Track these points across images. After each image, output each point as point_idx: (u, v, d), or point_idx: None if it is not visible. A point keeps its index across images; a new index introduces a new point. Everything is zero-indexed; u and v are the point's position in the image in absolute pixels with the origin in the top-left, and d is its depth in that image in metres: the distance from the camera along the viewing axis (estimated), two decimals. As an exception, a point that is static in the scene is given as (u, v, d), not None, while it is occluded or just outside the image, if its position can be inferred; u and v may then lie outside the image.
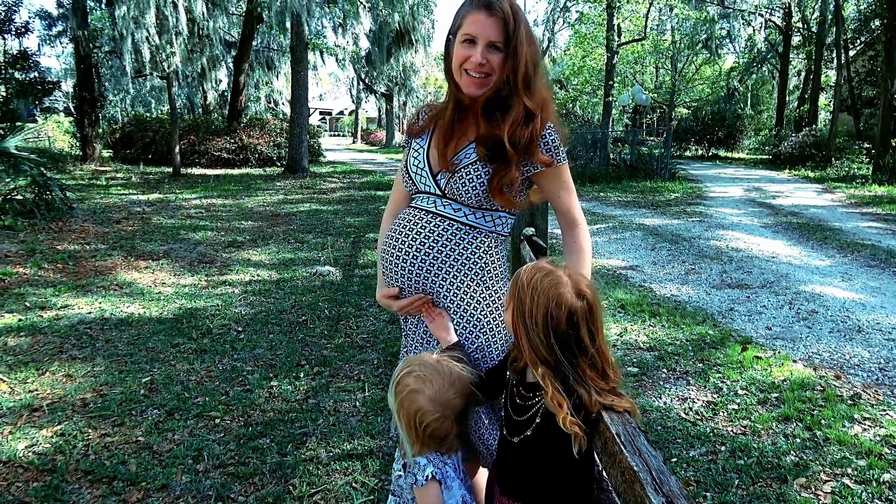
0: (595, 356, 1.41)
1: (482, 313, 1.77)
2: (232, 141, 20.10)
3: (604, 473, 1.66)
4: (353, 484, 2.84)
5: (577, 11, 24.26)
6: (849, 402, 3.52)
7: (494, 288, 1.80)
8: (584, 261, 1.83)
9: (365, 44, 29.40)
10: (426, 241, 1.75)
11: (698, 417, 3.41)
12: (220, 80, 28.12)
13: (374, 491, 2.79)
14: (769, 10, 28.01)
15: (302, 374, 4.04)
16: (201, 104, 27.14)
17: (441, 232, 1.75)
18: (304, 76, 17.43)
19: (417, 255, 1.76)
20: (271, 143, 20.69)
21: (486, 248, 1.79)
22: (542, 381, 1.40)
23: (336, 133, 60.95)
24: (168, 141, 18.08)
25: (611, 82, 21.38)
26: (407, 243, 1.77)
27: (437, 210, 1.77)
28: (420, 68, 34.85)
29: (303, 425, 3.37)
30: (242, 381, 3.91)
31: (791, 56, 29.17)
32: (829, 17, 23.58)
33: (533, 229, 3.07)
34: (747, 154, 30.90)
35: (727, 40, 29.39)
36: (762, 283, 6.13)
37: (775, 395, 3.63)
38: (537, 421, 1.45)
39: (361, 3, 20.33)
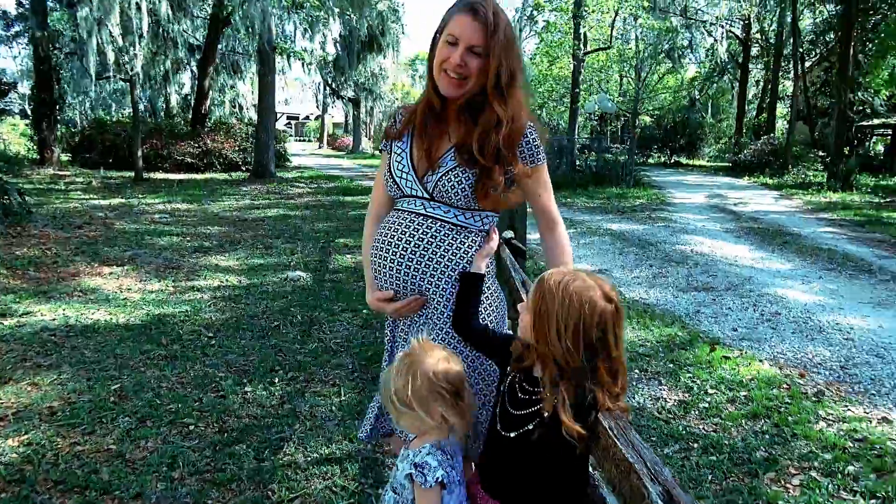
0: (614, 360, 1.41)
1: (495, 314, 1.80)
2: (196, 145, 19.79)
3: (589, 469, 1.70)
4: (333, 488, 2.83)
5: (543, 20, 24.57)
6: (813, 399, 3.64)
7: (486, 285, 1.83)
8: (567, 259, 1.87)
9: (332, 49, 29.31)
10: (420, 242, 1.76)
11: (671, 416, 3.49)
12: (184, 84, 27.69)
13: (355, 494, 2.78)
14: (729, 22, 28.79)
15: (276, 380, 4.00)
16: (164, 108, 26.67)
17: (433, 233, 1.76)
18: (271, 81, 17.29)
19: (413, 256, 1.77)
20: (237, 148, 20.44)
21: (477, 247, 1.82)
22: (555, 383, 1.40)
23: (302, 138, 60.45)
24: (130, 145, 17.72)
25: (577, 90, 21.68)
26: (401, 246, 1.78)
27: (426, 212, 1.78)
28: (388, 74, 34.88)
29: (279, 430, 3.34)
30: (216, 388, 3.85)
31: (750, 66, 29.98)
32: (787, 29, 24.34)
33: (512, 232, 3.11)
34: (708, 161, 31.63)
35: (689, 50, 30.14)
36: (727, 286, 6.29)
37: (744, 393, 3.73)
38: (544, 416, 1.41)
39: (330, 8, 20.26)
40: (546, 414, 1.41)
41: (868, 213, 12.18)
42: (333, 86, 36.43)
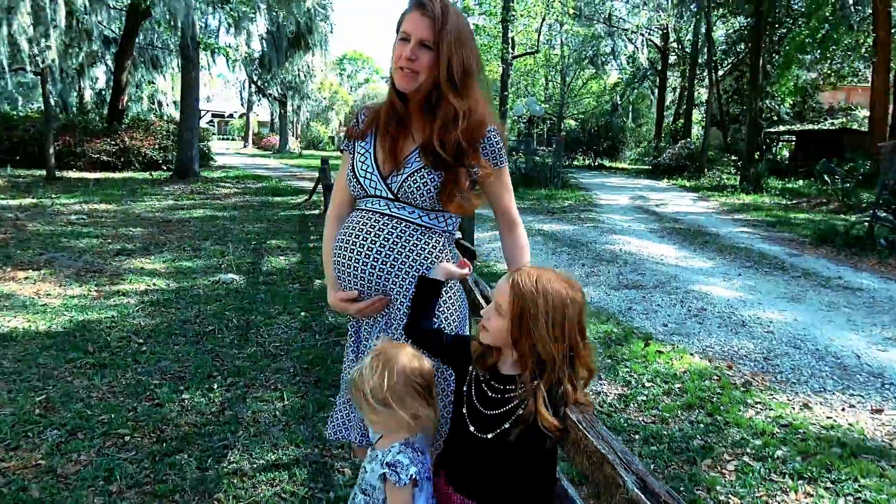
0: (586, 347, 1.47)
1: (441, 310, 1.80)
2: (113, 143, 18.83)
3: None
4: (282, 495, 2.77)
5: (473, 24, 24.82)
6: (742, 389, 3.86)
7: (452, 285, 1.84)
8: (527, 258, 1.91)
9: (258, 46, 28.58)
10: (385, 242, 1.76)
11: (612, 409, 3.61)
12: (97, 78, 26.34)
13: (305, 500, 2.73)
14: (649, 31, 29.98)
15: (215, 386, 3.87)
16: (77, 103, 25.25)
17: (399, 233, 1.76)
18: (194, 77, 16.69)
19: (378, 256, 1.76)
20: (157, 146, 19.60)
21: (441, 248, 1.83)
22: (534, 378, 1.43)
23: (225, 137, 58.64)
24: (41, 141, 16.69)
25: (506, 93, 22.04)
26: (366, 245, 1.77)
27: (391, 212, 1.77)
28: (316, 73, 34.34)
29: (222, 438, 3.24)
30: (150, 396, 3.69)
31: (668, 74, 31.31)
32: (701, 39, 25.58)
33: (460, 233, 3.13)
34: (629, 164, 32.80)
35: (611, 57, 31.22)
36: (655, 284, 6.56)
37: (678, 385, 3.90)
38: (519, 412, 1.44)
39: (257, 4, 19.76)
40: (521, 412, 1.44)
41: (778, 214, 12.96)
42: (259, 83, 35.63)
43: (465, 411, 1.56)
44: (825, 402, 3.72)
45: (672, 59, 31.00)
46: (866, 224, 9.32)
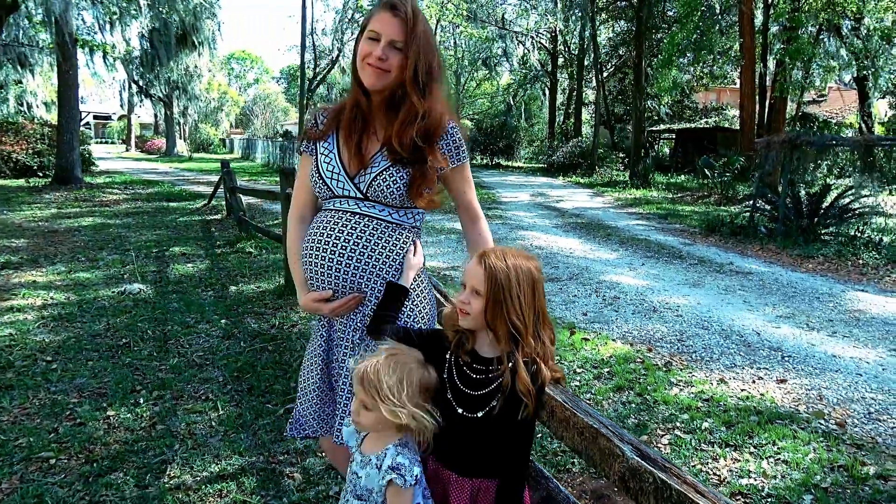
0: (547, 320, 1.57)
1: (416, 303, 1.82)
2: (-22, 148, 17.20)
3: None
4: (235, 505, 2.68)
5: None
6: (664, 369, 4.13)
7: (422, 279, 1.87)
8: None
9: (138, 43, 27.00)
10: (359, 241, 1.76)
11: (549, 397, 3.75)
12: (-47, 77, 23.93)
13: (260, 508, 2.66)
14: (538, 34, 31.06)
15: (141, 400, 3.67)
16: (-70, 104, 22.81)
17: (371, 231, 1.77)
18: (73, 76, 15.54)
19: (352, 255, 1.76)
20: (30, 151, 18.08)
21: (411, 244, 1.85)
22: (511, 351, 1.50)
23: (104, 140, 54.89)
24: None
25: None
26: (339, 245, 1.76)
27: (361, 211, 1.78)
28: (203, 73, 32.88)
29: (158, 453, 3.08)
30: (71, 415, 3.44)
31: (558, 75, 32.58)
32: (587, 42, 26.83)
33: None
34: (524, 163, 33.85)
35: (504, 58, 32.05)
36: (569, 276, 6.85)
37: (607, 369, 4.12)
38: (504, 390, 1.50)
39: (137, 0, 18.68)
40: (506, 388, 1.50)
41: (667, 207, 13.86)
42: (141, 83, 33.63)
43: (450, 396, 1.61)
44: (737, 376, 4.06)
45: (561, 61, 32.28)
46: (748, 214, 10.18)
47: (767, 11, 19.97)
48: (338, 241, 1.76)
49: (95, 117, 54.27)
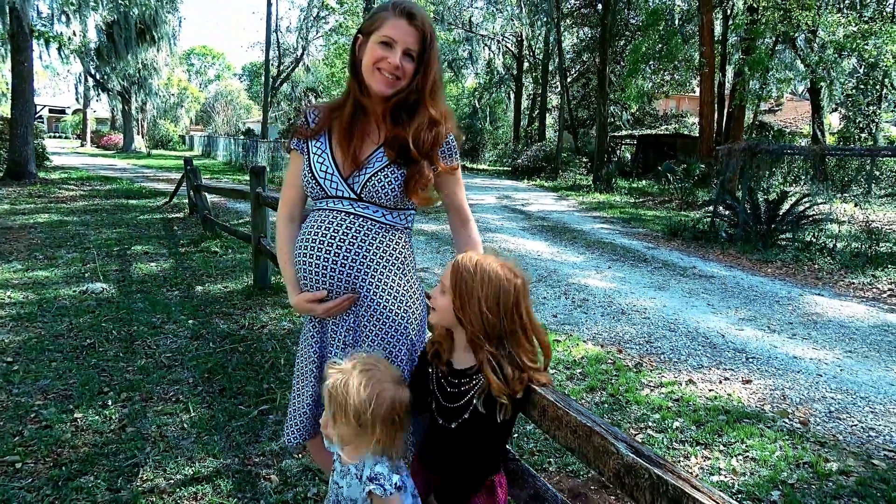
0: (527, 326, 1.59)
1: (408, 304, 1.83)
2: (-76, 140, 16.49)
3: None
4: (211, 508, 2.64)
5: (335, 20, 24.55)
6: (634, 370, 4.21)
7: (414, 279, 1.89)
8: (480, 251, 1.99)
9: (95, 36, 26.30)
10: (354, 241, 1.76)
11: (524, 397, 3.79)
12: None
13: (237, 511, 2.63)
14: (504, 38, 31.30)
15: (109, 402, 3.58)
16: None
17: (366, 232, 1.78)
18: (28, 68, 15.03)
19: (348, 255, 1.76)
20: (-20, 145, 17.43)
21: (403, 244, 1.86)
22: (484, 360, 1.53)
23: (58, 134, 53.18)
24: None
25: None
26: (335, 245, 1.76)
27: (355, 211, 1.78)
28: (163, 68, 32.17)
29: (130, 455, 3.01)
30: (36, 418, 3.34)
31: (523, 79, 32.89)
32: (552, 47, 27.16)
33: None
34: (489, 165, 34.07)
35: (469, 61, 32.20)
36: (538, 278, 6.92)
37: (579, 370, 4.18)
38: (475, 402, 1.57)
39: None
40: (475, 402, 1.56)
41: (630, 212, 14.12)
42: (98, 77, 32.72)
43: (434, 406, 1.68)
44: (705, 376, 4.17)
45: (526, 65, 32.60)
46: (709, 219, 10.44)
47: (727, 22, 20.54)
48: (333, 241, 1.76)
49: (51, 111, 52.59)
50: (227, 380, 3.99)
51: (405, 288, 1.84)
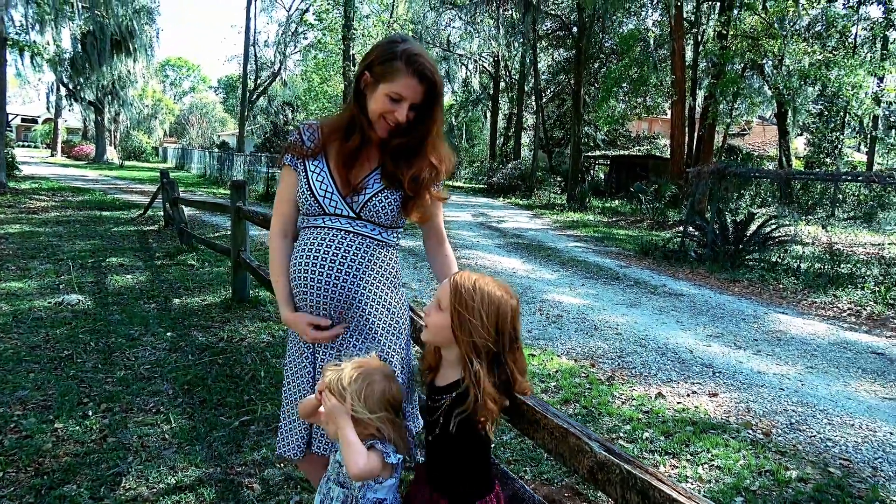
0: (518, 344, 1.70)
1: (399, 316, 1.94)
2: None
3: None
4: (195, 515, 2.69)
5: (313, 36, 24.69)
6: (606, 383, 4.35)
7: (402, 293, 1.99)
8: (455, 270, 2.09)
9: (71, 46, 26.07)
10: (354, 259, 1.84)
11: (500, 409, 3.89)
12: None
13: (222, 518, 2.68)
14: (481, 57, 31.73)
15: (90, 413, 3.60)
16: None
17: (365, 249, 1.86)
18: (1, 76, 14.88)
19: (349, 272, 1.84)
20: (-51, 153, 17.10)
21: (395, 260, 1.97)
22: (470, 376, 1.62)
23: (27, 144, 52.21)
24: None
25: (348, 110, 22.14)
26: (337, 262, 1.83)
27: (354, 229, 1.86)
28: (138, 79, 31.94)
29: (112, 465, 3.05)
30: (16, 428, 3.35)
31: (500, 99, 33.33)
32: (528, 68, 27.63)
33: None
34: (465, 183, 34.34)
35: (446, 80, 32.53)
36: (513, 294, 7.05)
37: (553, 383, 4.31)
38: (440, 421, 1.65)
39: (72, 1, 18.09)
40: (441, 420, 1.65)
41: (603, 231, 14.39)
42: (71, 87, 32.35)
43: (423, 423, 1.82)
44: (673, 390, 4.32)
45: (502, 85, 33.07)
46: (679, 239, 10.72)
47: (697, 49, 21.16)
48: (335, 258, 1.83)
49: (23, 119, 51.67)
50: (206, 391, 4.02)
51: (397, 301, 1.95)
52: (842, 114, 23.28)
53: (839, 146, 23.86)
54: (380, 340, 1.89)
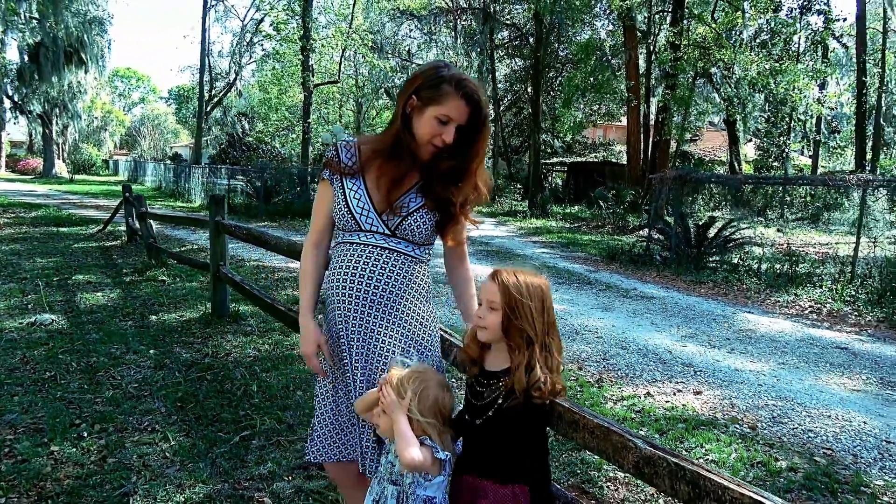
0: (556, 333, 1.80)
1: (432, 329, 2.02)
2: None
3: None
4: (212, 532, 2.69)
5: (270, 47, 24.49)
6: (596, 385, 4.48)
7: (433, 307, 2.08)
8: (473, 286, 2.17)
9: (18, 57, 25.27)
10: (391, 274, 1.92)
11: (497, 414, 3.98)
12: None
13: (239, 533, 2.68)
14: (439, 67, 31.90)
15: (84, 434, 3.53)
16: None
17: (401, 265, 1.93)
18: (-54, 89, 14.32)
19: (386, 287, 1.91)
20: None
21: (427, 276, 2.04)
22: (522, 362, 1.72)
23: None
24: None
25: (308, 120, 22.04)
26: (374, 277, 1.90)
27: (389, 246, 1.92)
28: (88, 90, 31.08)
29: (117, 486, 3.01)
30: (10, 452, 3.27)
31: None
32: (486, 77, 27.94)
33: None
34: (426, 191, 34.36)
35: (404, 89, 32.67)
36: (491, 301, 7.16)
37: (545, 388, 4.41)
38: (500, 402, 1.75)
39: (19, 12, 17.55)
40: (500, 401, 1.75)
41: (567, 236, 14.66)
42: (16, 98, 31.25)
43: (464, 408, 1.87)
44: (660, 389, 4.48)
45: (461, 94, 33.25)
46: (644, 243, 11.02)
47: (650, 58, 21.78)
48: (372, 273, 1.90)
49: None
50: (200, 408, 3.99)
51: (429, 314, 2.02)
52: (787, 119, 24.27)
53: (786, 150, 24.87)
54: (413, 354, 1.95)
